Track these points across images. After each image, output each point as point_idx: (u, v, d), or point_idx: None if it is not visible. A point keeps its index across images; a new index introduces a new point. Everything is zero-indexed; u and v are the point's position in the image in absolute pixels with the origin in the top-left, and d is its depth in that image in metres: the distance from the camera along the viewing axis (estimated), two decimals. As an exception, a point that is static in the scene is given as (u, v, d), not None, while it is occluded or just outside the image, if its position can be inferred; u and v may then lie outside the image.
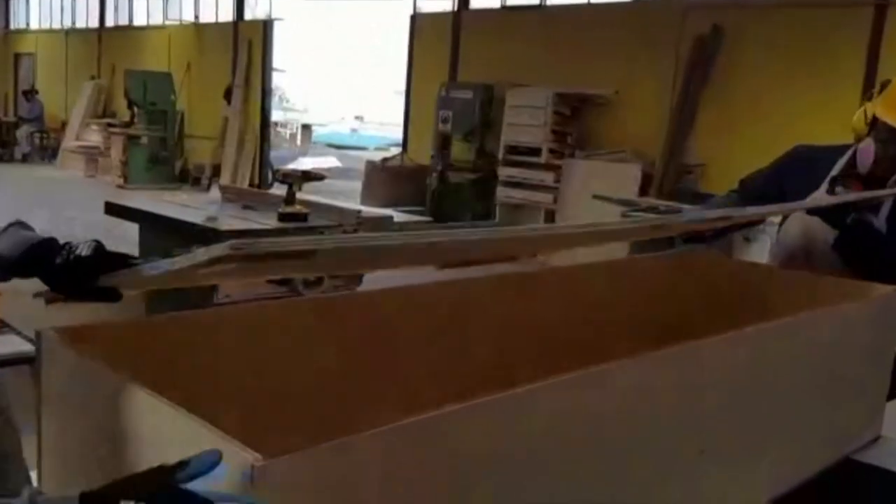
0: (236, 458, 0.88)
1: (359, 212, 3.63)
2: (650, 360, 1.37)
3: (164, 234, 3.65)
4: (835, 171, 2.43)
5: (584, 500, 1.30)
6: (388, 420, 0.96)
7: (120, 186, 12.00)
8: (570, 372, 1.21)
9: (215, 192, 3.51)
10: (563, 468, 1.25)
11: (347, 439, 0.92)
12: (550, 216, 8.48)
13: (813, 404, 1.93)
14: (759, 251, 5.52)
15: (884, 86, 2.37)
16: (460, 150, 9.53)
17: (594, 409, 1.29)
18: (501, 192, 8.84)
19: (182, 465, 0.84)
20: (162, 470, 0.84)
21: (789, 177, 2.54)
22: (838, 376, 2.01)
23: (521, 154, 8.66)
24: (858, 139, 2.41)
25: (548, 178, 8.41)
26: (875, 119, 2.32)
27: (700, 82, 7.74)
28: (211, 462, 0.86)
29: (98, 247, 1.16)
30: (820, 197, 2.41)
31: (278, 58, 13.45)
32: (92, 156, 14.14)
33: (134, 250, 3.92)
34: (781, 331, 1.70)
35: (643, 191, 7.58)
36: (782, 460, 1.88)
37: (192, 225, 3.45)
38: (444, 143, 9.42)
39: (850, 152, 2.46)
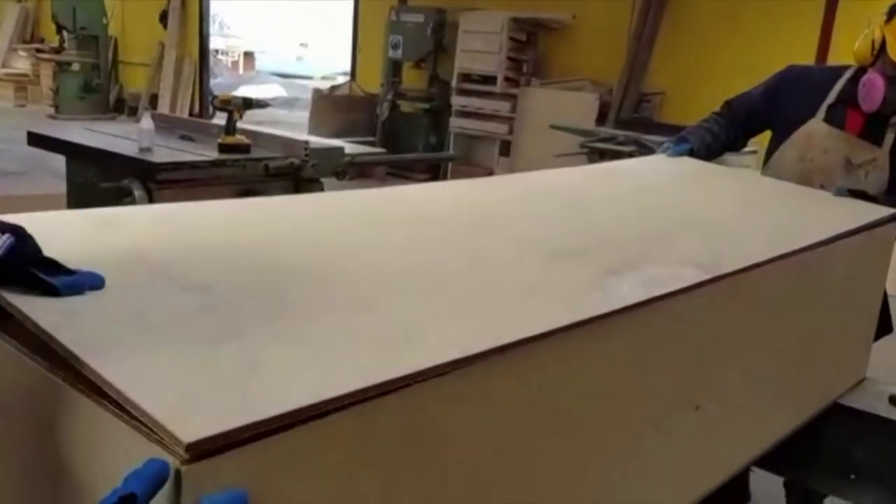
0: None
1: (306, 142, 3.36)
2: (643, 312, 1.21)
3: (93, 166, 3.33)
4: (831, 98, 2.27)
5: (576, 454, 1.16)
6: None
7: (51, 116, 11.36)
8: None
9: (147, 122, 3.18)
10: (556, 422, 1.10)
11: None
12: (506, 147, 8.26)
13: (803, 352, 1.80)
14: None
15: (893, 11, 2.12)
16: (412, 78, 9.18)
17: (585, 363, 1.13)
18: (455, 123, 8.56)
19: None
20: None
21: (781, 99, 2.38)
22: (827, 319, 1.88)
23: (476, 82, 8.36)
24: (861, 65, 2.24)
25: (503, 107, 8.16)
26: (883, 49, 2.13)
27: (659, 8, 7.50)
28: None
29: (12, 248, 0.85)
30: (818, 126, 2.25)
31: (217, -21, 12.74)
32: (21, 84, 13.37)
33: (61, 183, 3.60)
34: (772, 275, 1.54)
35: (601, 120, 7.39)
36: (775, 411, 1.76)
37: (124, 157, 3.14)
38: (394, 70, 9.05)
39: (846, 75, 2.28)
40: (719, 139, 2.43)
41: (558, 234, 1.50)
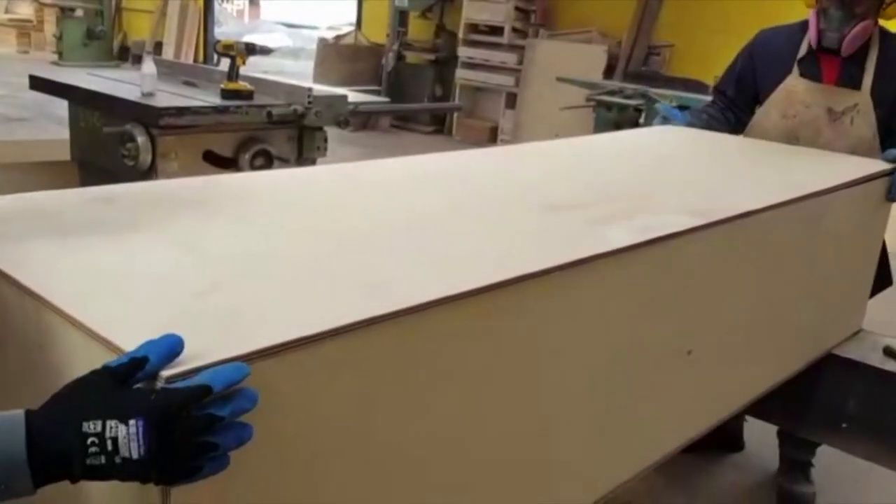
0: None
1: (310, 89, 3.32)
2: (636, 255, 1.21)
3: (95, 111, 3.31)
4: (802, 51, 2.26)
5: (569, 397, 1.19)
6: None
7: (55, 63, 11.26)
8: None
9: (149, 66, 3.15)
10: (549, 366, 1.12)
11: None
12: (512, 99, 8.18)
13: (799, 301, 1.81)
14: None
15: None
16: (418, 28, 9.06)
17: (577, 306, 1.15)
18: (461, 74, 8.46)
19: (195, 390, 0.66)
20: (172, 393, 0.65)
21: (757, 66, 2.38)
22: (824, 270, 1.88)
23: (483, 33, 8.24)
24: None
25: (510, 59, 8.06)
26: None
27: (671, -43, 7.36)
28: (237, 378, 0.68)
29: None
30: (796, 83, 2.24)
31: (221, -76, 12.48)
32: (24, 30, 13.23)
33: (65, 130, 3.59)
34: (767, 222, 1.54)
35: (609, 73, 7.30)
36: (768, 358, 1.77)
37: (126, 101, 3.12)
38: (401, 20, 8.92)
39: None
40: (720, 121, 2.41)
41: (552, 192, 1.52)
